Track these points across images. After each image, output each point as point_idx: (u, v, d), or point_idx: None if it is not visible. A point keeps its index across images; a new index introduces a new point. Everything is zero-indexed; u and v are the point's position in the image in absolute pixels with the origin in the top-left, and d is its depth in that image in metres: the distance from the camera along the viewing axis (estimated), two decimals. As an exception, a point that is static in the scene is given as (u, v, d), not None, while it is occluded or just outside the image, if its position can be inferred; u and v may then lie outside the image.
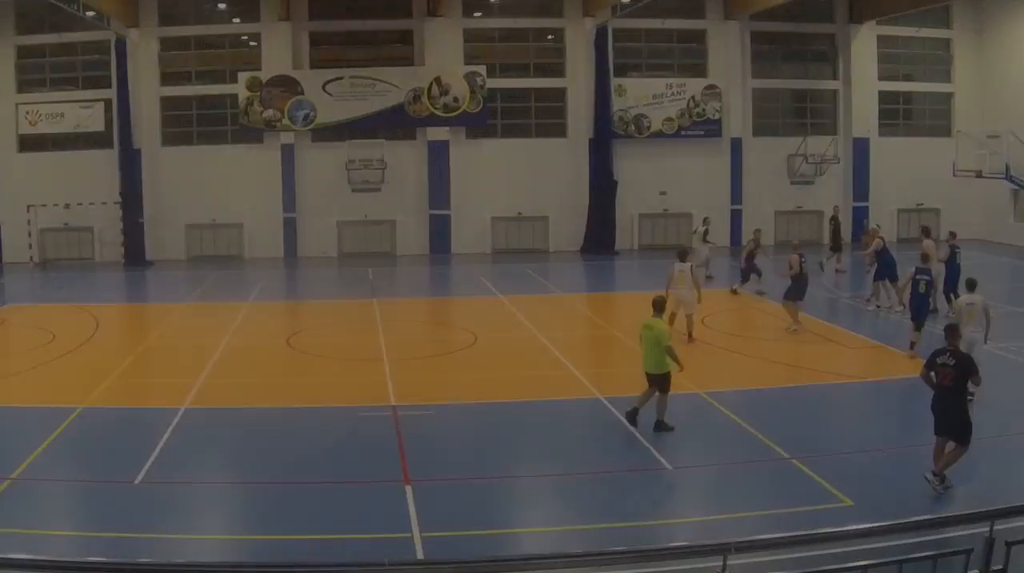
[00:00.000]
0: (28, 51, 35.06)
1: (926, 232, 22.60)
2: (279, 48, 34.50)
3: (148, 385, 18.05)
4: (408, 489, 11.55)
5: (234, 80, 34.69)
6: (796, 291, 19.87)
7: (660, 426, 13.25)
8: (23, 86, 35.16)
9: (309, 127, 34.76)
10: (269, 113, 34.59)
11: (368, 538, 10.25)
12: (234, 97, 34.71)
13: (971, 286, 15.14)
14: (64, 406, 15.54)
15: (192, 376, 17.50)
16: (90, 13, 32.81)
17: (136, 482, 12.07)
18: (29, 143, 35.33)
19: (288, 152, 34.76)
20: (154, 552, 10.03)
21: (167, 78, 35.12)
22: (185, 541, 10.55)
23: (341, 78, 34.58)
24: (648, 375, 13.41)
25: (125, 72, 34.24)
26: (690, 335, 19.07)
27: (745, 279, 24.84)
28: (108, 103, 34.82)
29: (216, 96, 35.04)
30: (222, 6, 34.93)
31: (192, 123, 35.37)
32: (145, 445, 13.42)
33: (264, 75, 34.56)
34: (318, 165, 34.89)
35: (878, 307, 22.22)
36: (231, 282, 31.59)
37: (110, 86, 34.59)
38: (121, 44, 34.22)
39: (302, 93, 34.56)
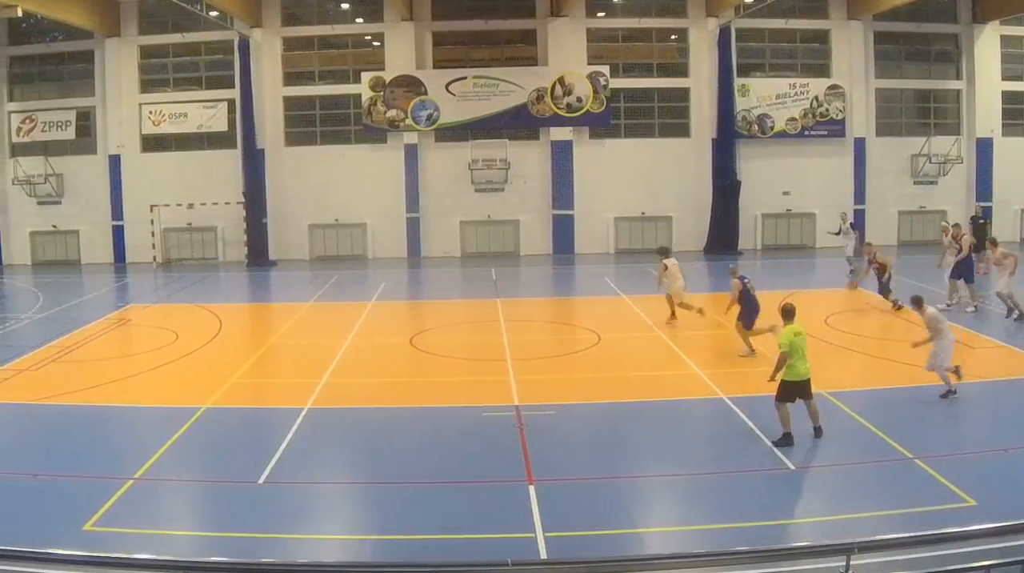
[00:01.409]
0: (151, 51, 35.64)
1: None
2: (402, 48, 34.90)
3: (271, 385, 18.31)
4: (531, 489, 11.62)
5: (357, 80, 35.13)
6: (746, 316, 18.43)
7: (819, 433, 13.24)
8: (146, 86, 35.76)
9: (432, 127, 35.12)
10: (392, 113, 34.95)
11: (491, 538, 10.29)
12: (357, 97, 35.15)
13: None
14: (187, 406, 15.79)
15: (315, 376, 17.70)
16: (213, 13, 33.32)
17: (260, 482, 12.21)
18: (152, 143, 35.88)
19: (411, 152, 35.12)
20: (277, 552, 10.12)
21: (290, 78, 35.57)
22: (308, 541, 10.62)
23: (464, 78, 34.93)
24: (807, 382, 13.08)
25: (248, 72, 34.72)
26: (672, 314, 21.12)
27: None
28: (231, 103, 35.38)
29: (339, 96, 35.54)
30: (345, 6, 35.39)
31: (315, 123, 35.81)
32: (268, 445, 13.60)
33: (387, 75, 35.02)
34: (441, 165, 35.25)
35: (948, 306, 21.75)
36: (354, 282, 31.89)
37: (233, 86, 35.11)
38: (244, 44, 34.67)
39: (425, 93, 34.92)
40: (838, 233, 28.62)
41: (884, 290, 23.02)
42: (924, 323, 15.42)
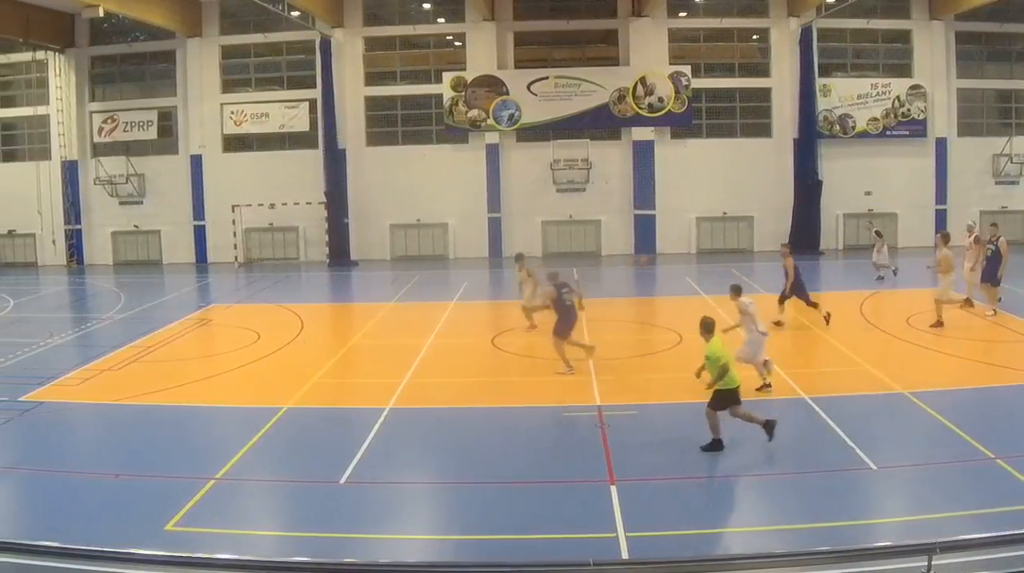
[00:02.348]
0: (233, 51, 35.98)
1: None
2: (484, 48, 35.20)
3: (353, 385, 18.38)
4: (613, 489, 11.62)
5: (439, 80, 35.45)
6: (560, 325, 17.66)
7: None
8: (228, 86, 36.09)
9: (514, 127, 35.41)
10: (474, 113, 35.20)
11: (573, 538, 10.32)
12: (439, 97, 35.43)
13: None
14: (269, 406, 15.91)
15: (397, 376, 17.78)
16: (295, 13, 33.61)
17: (341, 482, 12.27)
18: (234, 143, 36.21)
19: (493, 152, 35.39)
20: (358, 552, 10.15)
21: (372, 78, 35.91)
22: (389, 541, 10.64)
23: (546, 78, 35.21)
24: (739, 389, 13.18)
25: (330, 72, 35.04)
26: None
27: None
28: (313, 103, 35.63)
29: (421, 96, 35.90)
30: (427, 6, 35.70)
31: (397, 123, 36.08)
32: (350, 445, 13.67)
33: (469, 75, 35.27)
34: (523, 165, 35.54)
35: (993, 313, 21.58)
36: (435, 282, 32.10)
37: (315, 86, 35.46)
38: (326, 44, 34.96)
39: (507, 93, 35.18)
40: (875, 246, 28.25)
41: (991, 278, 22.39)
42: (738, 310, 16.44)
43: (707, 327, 13.25)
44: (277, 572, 6.35)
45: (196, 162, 35.90)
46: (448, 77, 35.38)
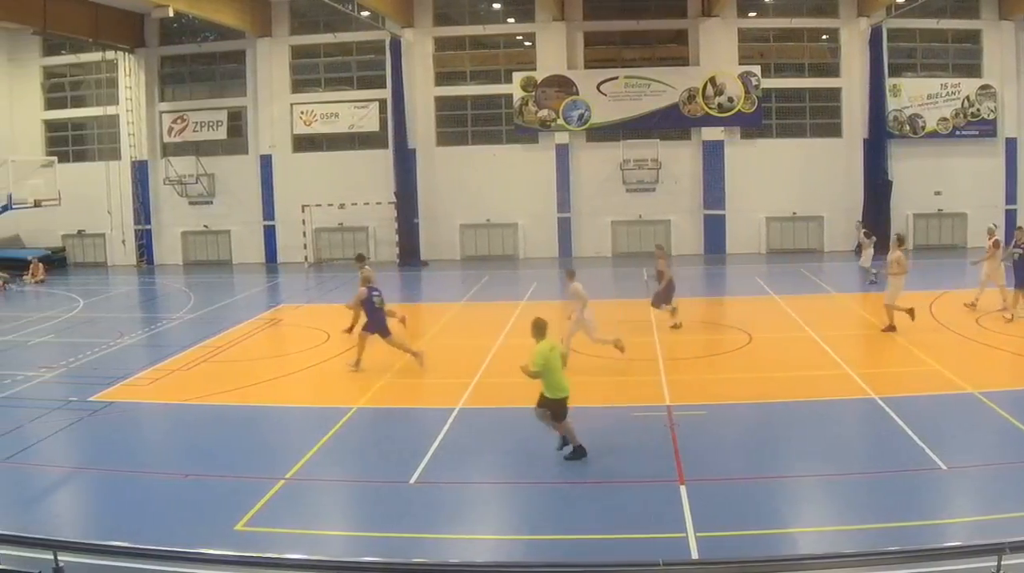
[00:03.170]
0: (303, 51, 36.27)
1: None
2: (554, 48, 35.48)
3: (422, 385, 18.49)
4: (682, 489, 11.74)
5: (509, 80, 35.78)
6: (371, 326, 18.65)
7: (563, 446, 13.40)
8: (298, 86, 36.35)
9: (584, 127, 35.70)
10: (544, 113, 35.45)
11: (642, 538, 10.38)
12: (509, 97, 35.75)
13: None
14: (339, 406, 16.08)
15: (467, 376, 17.99)
16: (365, 13, 33.84)
17: (411, 482, 12.42)
18: (304, 143, 36.46)
19: (563, 152, 35.67)
20: (428, 552, 10.26)
21: (442, 78, 36.18)
22: (459, 541, 10.78)
23: (616, 78, 35.46)
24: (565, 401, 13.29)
25: (400, 72, 35.31)
26: None
27: None
28: (383, 103, 35.83)
29: (491, 96, 36.22)
30: (497, 6, 36.01)
31: (467, 123, 36.21)
32: (420, 445, 13.84)
33: (539, 75, 35.53)
34: (592, 165, 35.82)
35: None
36: (505, 282, 32.32)
37: (385, 86, 35.81)
38: (396, 44, 35.19)
39: (577, 93, 35.43)
40: (858, 247, 28.46)
41: None
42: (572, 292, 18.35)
43: (538, 329, 13.38)
44: (346, 572, 6.60)
45: (266, 162, 36.20)
46: (518, 77, 35.66)
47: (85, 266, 37.69)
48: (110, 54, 36.07)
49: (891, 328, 20.53)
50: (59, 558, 6.20)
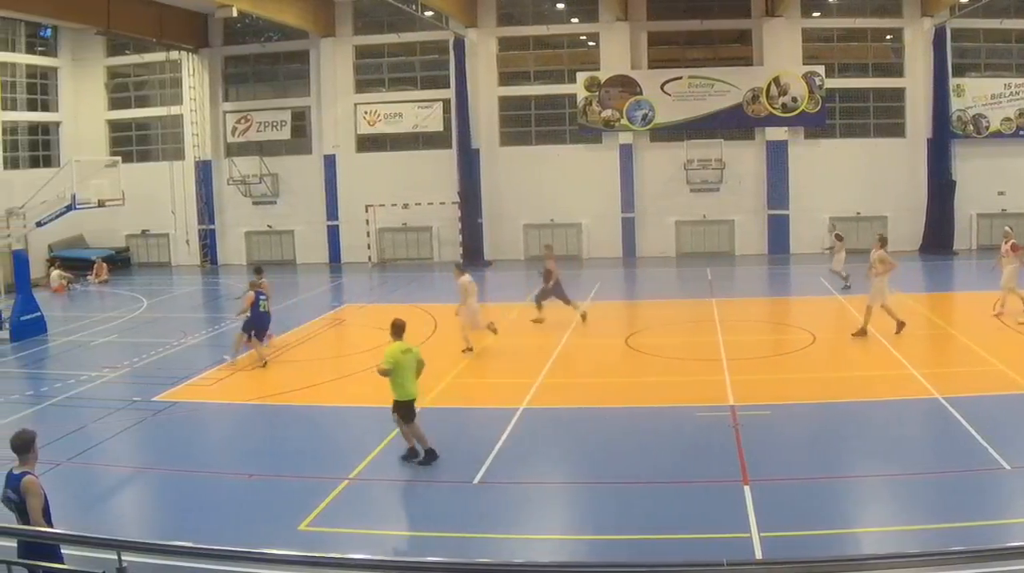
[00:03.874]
0: (367, 51, 36.55)
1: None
2: (618, 48, 35.78)
3: (486, 385, 18.81)
4: (746, 489, 11.83)
5: (572, 80, 36.09)
6: (252, 326, 20.44)
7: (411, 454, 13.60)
8: (361, 86, 36.57)
9: (648, 127, 35.88)
10: (608, 113, 35.68)
11: (706, 538, 10.50)
12: (572, 97, 36.04)
13: None
14: None
15: (530, 376, 18.23)
16: (429, 13, 34.07)
17: (474, 482, 12.57)
18: (367, 143, 36.65)
19: (626, 152, 35.94)
20: (492, 552, 10.34)
21: (505, 78, 36.49)
22: (522, 541, 10.90)
23: (680, 78, 35.70)
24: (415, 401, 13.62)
25: (464, 72, 35.55)
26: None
27: None
28: (446, 103, 36.00)
29: (554, 96, 36.46)
30: (560, 6, 36.29)
31: (530, 123, 36.37)
32: (483, 445, 14.01)
33: (602, 75, 35.73)
34: (656, 165, 36.09)
35: None
36: (569, 282, 32.08)
37: (448, 86, 36.05)
38: (460, 44, 35.41)
39: (640, 93, 35.68)
40: (830, 248, 28.45)
41: None
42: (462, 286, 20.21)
43: (395, 329, 13.92)
44: (410, 572, 6.43)
45: (330, 162, 36.48)
46: (582, 77, 35.95)
47: (149, 266, 37.99)
48: (174, 54, 36.35)
49: (862, 332, 20.45)
50: (123, 558, 6.27)
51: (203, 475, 13.48)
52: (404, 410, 13.36)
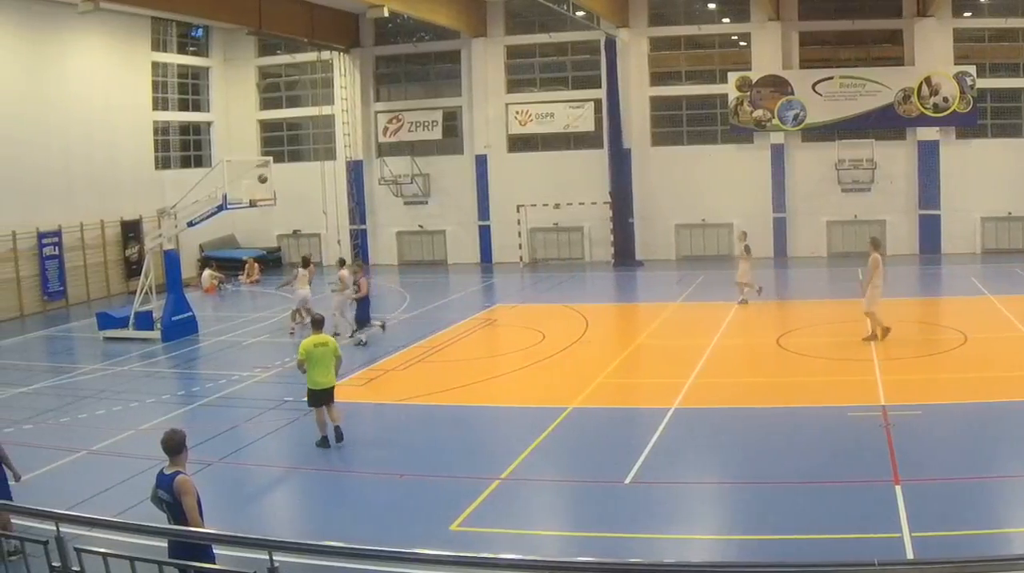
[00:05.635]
0: (518, 51, 37.08)
1: None
2: (769, 48, 36.40)
3: (637, 385, 19.25)
4: (898, 489, 11.92)
5: (723, 80, 36.73)
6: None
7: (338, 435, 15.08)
8: (513, 86, 36.90)
9: (799, 127, 36.33)
10: (759, 113, 36.23)
11: (857, 538, 10.61)
12: (724, 97, 36.66)
13: None
14: (554, 406, 16.64)
15: (681, 376, 18.54)
16: (580, 13, 34.52)
17: (626, 482, 12.76)
18: (518, 143, 37.06)
19: (777, 152, 36.54)
20: (643, 552, 10.53)
21: (656, 78, 36.96)
22: (674, 541, 11.11)
23: (831, 78, 36.30)
24: (327, 390, 14.90)
25: (615, 72, 36.27)
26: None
27: None
28: (598, 103, 36.47)
29: (706, 96, 36.89)
30: (712, 6, 36.95)
31: (681, 123, 36.78)
32: (635, 445, 14.26)
33: (754, 75, 36.08)
34: (807, 165, 36.76)
35: None
36: (720, 282, 32.87)
37: (599, 86, 36.45)
38: (611, 44, 36.02)
39: (792, 93, 36.24)
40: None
41: None
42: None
43: (314, 323, 15.75)
44: (561, 572, 6.30)
45: (481, 162, 37.13)
46: (733, 77, 36.47)
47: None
48: (325, 54, 36.89)
49: (873, 337, 20.82)
50: (274, 558, 6.28)
51: (354, 475, 13.95)
52: (310, 397, 14.83)
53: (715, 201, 37.04)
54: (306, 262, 25.26)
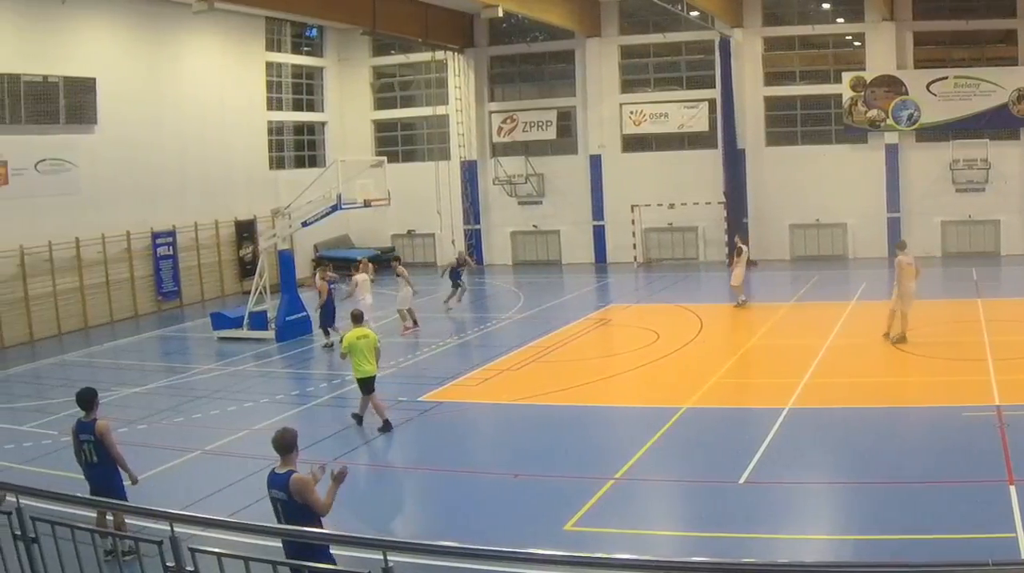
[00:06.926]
0: (632, 51, 37.65)
1: None
2: (883, 48, 36.84)
3: (751, 385, 19.58)
4: (1012, 489, 11.99)
5: (838, 80, 37.29)
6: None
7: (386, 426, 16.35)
8: (627, 86, 37.23)
9: (913, 127, 36.65)
10: (873, 113, 36.61)
11: (970, 538, 10.68)
12: (838, 97, 37.16)
13: None
14: (668, 406, 16.91)
15: (795, 376, 18.78)
16: (694, 13, 34.91)
17: (740, 482, 12.95)
18: (633, 143, 37.34)
19: (892, 152, 36.99)
20: (757, 552, 10.66)
21: (770, 78, 37.44)
22: (787, 541, 11.24)
23: (945, 78, 36.75)
24: (369, 379, 16.29)
25: (729, 72, 36.61)
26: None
27: None
28: (712, 103, 36.75)
29: (820, 96, 37.37)
30: (826, 6, 37.47)
31: (796, 123, 37.11)
32: (749, 445, 14.46)
33: (868, 75, 36.39)
34: (921, 165, 37.21)
35: None
36: (835, 282, 33.42)
37: (714, 86, 36.93)
38: (725, 44, 36.43)
39: (906, 93, 36.69)
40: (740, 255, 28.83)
41: None
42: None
43: (353, 318, 17.10)
44: (676, 572, 6.27)
45: (595, 162, 37.59)
46: (847, 77, 36.92)
47: (414, 266, 38.99)
48: (439, 54, 37.19)
49: (902, 338, 21.11)
50: (388, 558, 6.24)
51: (468, 475, 14.12)
52: (360, 386, 16.15)
53: (829, 201, 37.71)
54: (362, 266, 25.78)
